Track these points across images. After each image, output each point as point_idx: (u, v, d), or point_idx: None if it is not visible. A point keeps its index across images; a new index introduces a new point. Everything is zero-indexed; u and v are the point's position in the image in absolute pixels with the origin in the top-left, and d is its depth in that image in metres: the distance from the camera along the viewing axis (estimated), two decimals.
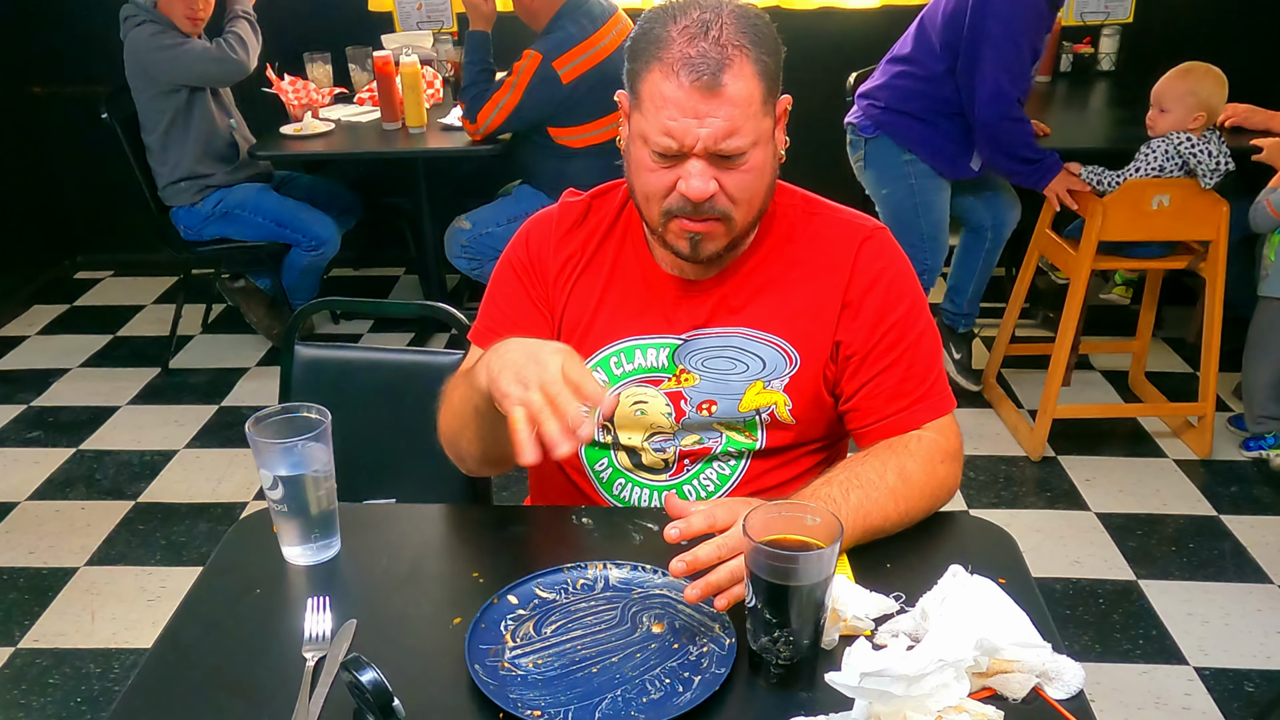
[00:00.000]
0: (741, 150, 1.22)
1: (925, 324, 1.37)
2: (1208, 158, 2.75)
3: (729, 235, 1.29)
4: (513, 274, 1.44)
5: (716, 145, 1.21)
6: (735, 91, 1.20)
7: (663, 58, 1.20)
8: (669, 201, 1.26)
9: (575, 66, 3.07)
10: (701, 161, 1.22)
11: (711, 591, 1.07)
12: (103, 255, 4.64)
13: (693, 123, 1.20)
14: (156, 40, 3.32)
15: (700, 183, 1.23)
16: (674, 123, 1.21)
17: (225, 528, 2.77)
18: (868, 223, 1.39)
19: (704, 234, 1.27)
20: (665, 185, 1.25)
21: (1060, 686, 1.02)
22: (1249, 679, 2.25)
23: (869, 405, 1.35)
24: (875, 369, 1.34)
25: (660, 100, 1.21)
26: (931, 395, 1.35)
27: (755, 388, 1.36)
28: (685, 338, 1.37)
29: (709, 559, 1.07)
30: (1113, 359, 3.58)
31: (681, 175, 1.24)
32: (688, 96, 1.19)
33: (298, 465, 1.20)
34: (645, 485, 1.42)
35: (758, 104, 1.22)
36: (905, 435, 1.33)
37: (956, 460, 1.34)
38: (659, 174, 1.25)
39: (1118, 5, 4.06)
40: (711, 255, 1.30)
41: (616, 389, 1.35)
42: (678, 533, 1.09)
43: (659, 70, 1.21)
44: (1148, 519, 2.80)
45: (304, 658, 1.08)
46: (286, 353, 1.77)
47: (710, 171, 1.23)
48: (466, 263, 3.43)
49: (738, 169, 1.24)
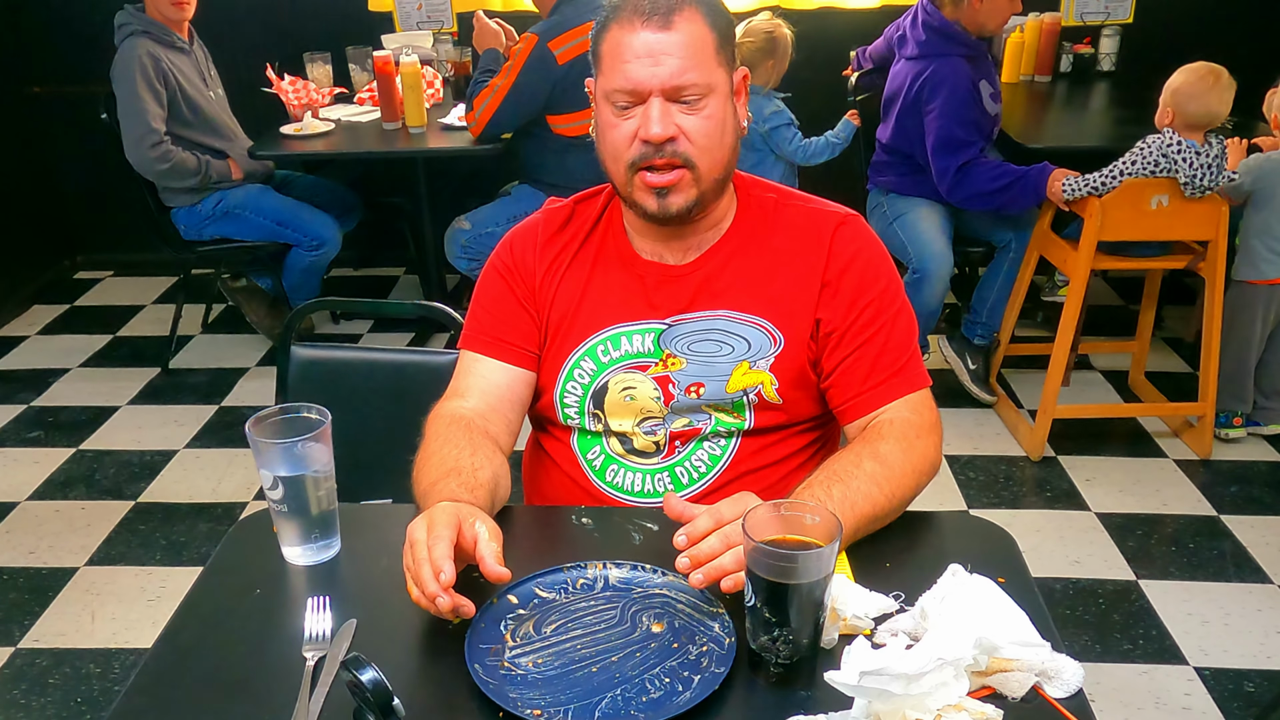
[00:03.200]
0: (699, 91, 1.28)
1: (901, 304, 1.41)
2: (1186, 166, 2.73)
3: (695, 186, 1.32)
4: (498, 278, 1.47)
5: (673, 81, 1.27)
6: (687, 31, 1.27)
7: (618, 14, 1.29)
8: (632, 152, 1.30)
9: (570, 48, 3.11)
10: (660, 102, 1.28)
11: (716, 576, 1.08)
12: (103, 255, 4.64)
13: (647, 61, 1.27)
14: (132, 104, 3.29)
15: (660, 124, 1.28)
16: (629, 64, 1.27)
17: (225, 528, 2.77)
18: (840, 210, 1.43)
19: (670, 186, 1.31)
20: (628, 135, 1.30)
21: (1059, 685, 1.02)
22: (1249, 679, 2.25)
23: (846, 380, 1.38)
24: (852, 345, 1.37)
25: (618, 49, 1.28)
26: (905, 371, 1.38)
27: (741, 368, 1.38)
28: (669, 322, 1.40)
29: (713, 552, 1.09)
30: (1112, 359, 3.58)
31: (641, 121, 1.28)
32: (640, 39, 1.27)
33: (298, 465, 1.20)
34: (637, 469, 1.43)
35: (711, 50, 1.29)
36: (877, 423, 1.35)
37: (934, 433, 1.36)
38: (620, 127, 1.31)
39: (1118, 5, 4.06)
40: (681, 210, 1.33)
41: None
42: (685, 539, 1.11)
43: (615, 26, 1.29)
44: (1148, 519, 2.80)
45: (304, 657, 1.08)
46: (283, 353, 1.77)
47: (670, 114, 1.28)
48: (466, 263, 3.43)
49: (697, 113, 1.29)
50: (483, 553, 1.09)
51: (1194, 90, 2.76)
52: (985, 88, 3.14)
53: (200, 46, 3.59)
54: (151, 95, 3.31)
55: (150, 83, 3.31)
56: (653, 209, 1.33)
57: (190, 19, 3.46)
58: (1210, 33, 3.97)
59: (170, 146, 3.35)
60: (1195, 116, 2.76)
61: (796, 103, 3.31)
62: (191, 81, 3.46)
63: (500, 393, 1.42)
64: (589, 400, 1.42)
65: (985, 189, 3.11)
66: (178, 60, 3.42)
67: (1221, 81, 2.76)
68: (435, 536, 1.08)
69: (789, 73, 3.29)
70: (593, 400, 1.42)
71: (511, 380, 1.43)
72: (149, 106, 3.30)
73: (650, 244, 1.42)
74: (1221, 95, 2.75)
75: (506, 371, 1.43)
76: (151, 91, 3.31)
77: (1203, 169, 2.72)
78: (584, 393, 1.42)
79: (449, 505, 1.15)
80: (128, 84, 3.29)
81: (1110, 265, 2.99)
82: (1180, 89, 2.78)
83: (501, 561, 1.09)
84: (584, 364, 1.42)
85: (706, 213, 1.38)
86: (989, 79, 3.17)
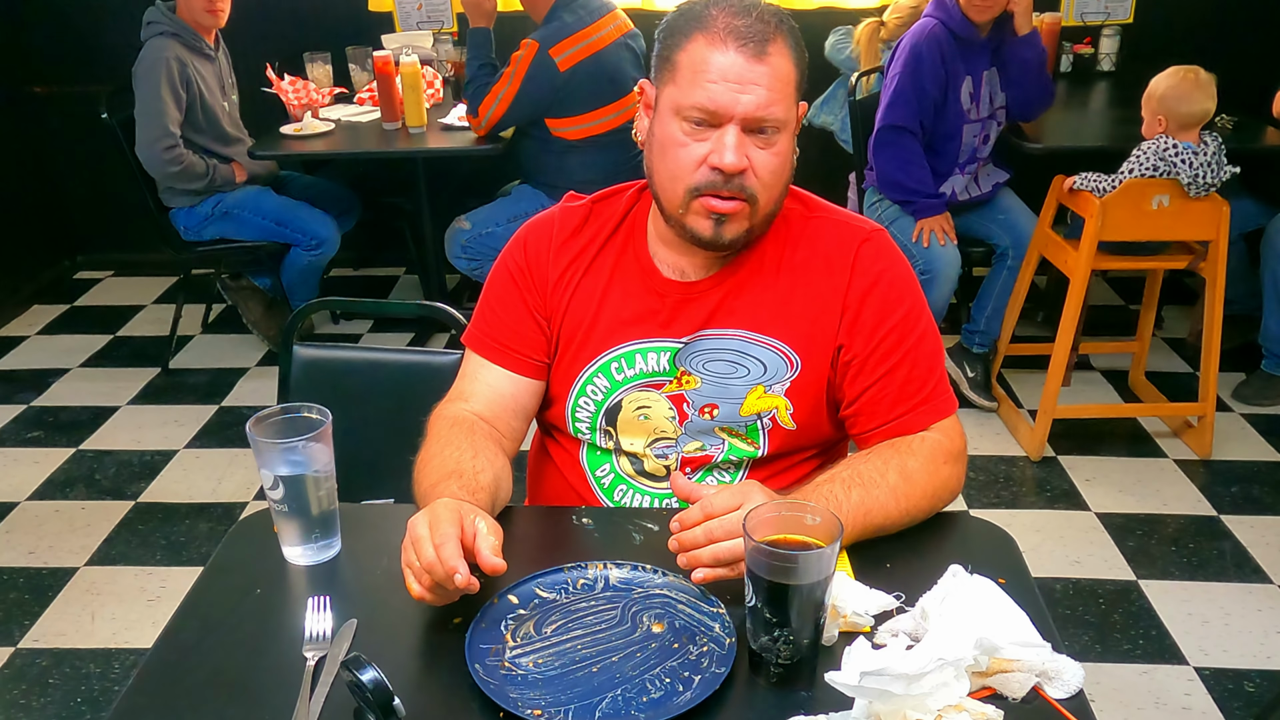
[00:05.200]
0: (779, 124, 1.24)
1: (926, 325, 1.36)
2: (1186, 167, 2.74)
3: (750, 221, 1.29)
4: (509, 280, 1.43)
5: (757, 112, 1.22)
6: (778, 65, 1.22)
7: (707, 27, 1.23)
8: (698, 176, 1.26)
9: (571, 55, 3.10)
10: (737, 131, 1.23)
11: (694, 566, 1.10)
12: (103, 255, 4.64)
13: (735, 87, 1.21)
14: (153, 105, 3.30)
15: (734, 154, 1.23)
16: (716, 86, 1.22)
17: (225, 528, 2.78)
18: (866, 224, 1.39)
19: (729, 214, 1.27)
20: (696, 158, 1.25)
21: (1060, 686, 1.02)
22: (1249, 679, 2.25)
23: (872, 410, 1.35)
24: (877, 373, 1.33)
25: (703, 66, 1.22)
26: (934, 398, 1.35)
27: (756, 392, 1.35)
28: (686, 340, 1.36)
29: (694, 542, 1.10)
30: (1113, 359, 3.58)
31: (715, 148, 1.24)
32: (732, 63, 1.21)
33: (298, 465, 1.20)
34: (646, 492, 1.42)
35: (793, 86, 1.25)
36: (909, 438, 1.32)
37: (960, 461, 1.33)
38: (690, 148, 1.25)
39: (1118, 5, 4.06)
40: (733, 239, 1.29)
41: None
42: (678, 525, 1.12)
43: (703, 38, 1.23)
44: (1148, 519, 2.80)
45: (304, 657, 1.08)
46: (285, 353, 1.77)
47: (745, 145, 1.24)
48: (467, 263, 3.43)
49: (768, 149, 1.25)
50: (479, 545, 1.08)
51: (1180, 91, 2.78)
52: (966, 84, 3.09)
53: (224, 54, 3.60)
54: (172, 98, 3.33)
55: (174, 86, 3.33)
56: (707, 235, 1.28)
57: (221, 26, 3.47)
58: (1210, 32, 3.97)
59: (182, 150, 3.36)
60: (1188, 117, 2.77)
61: None
62: (211, 90, 3.47)
63: (505, 401, 1.40)
64: (601, 417, 1.40)
65: (890, 171, 3.17)
66: (202, 68, 3.44)
67: (1201, 79, 2.78)
68: (442, 535, 1.07)
69: None
70: (605, 418, 1.40)
71: (517, 390, 1.41)
72: (168, 109, 3.32)
73: (673, 255, 1.37)
74: (1206, 91, 2.77)
75: (512, 380, 1.41)
76: (173, 95, 3.33)
77: (1203, 168, 2.73)
78: (597, 409, 1.40)
79: (450, 501, 1.14)
80: (151, 84, 3.31)
81: (1110, 265, 2.99)
82: (1166, 94, 2.80)
83: (499, 553, 1.08)
84: (597, 380, 1.39)
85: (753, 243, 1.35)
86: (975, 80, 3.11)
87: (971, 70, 3.11)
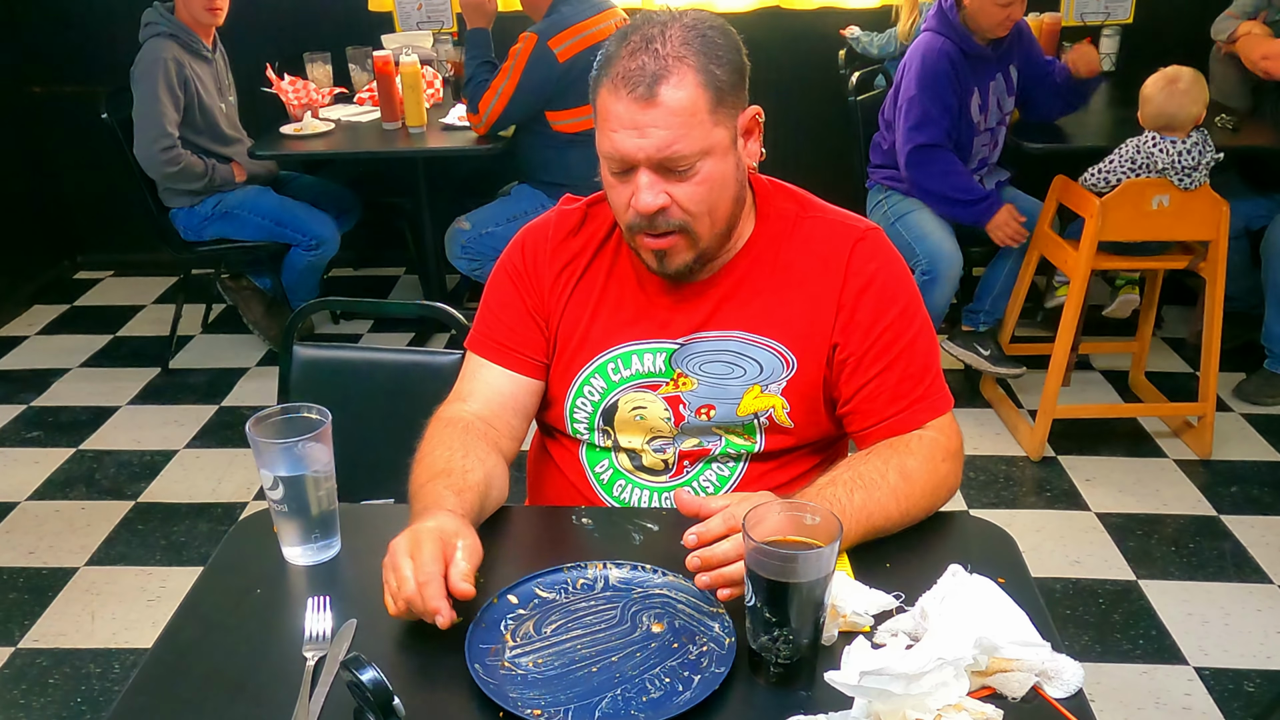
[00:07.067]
0: (687, 161, 1.23)
1: (921, 323, 1.37)
2: (1162, 155, 2.76)
3: (693, 249, 1.30)
4: (509, 282, 1.44)
5: (659, 154, 1.22)
6: (674, 101, 1.21)
7: (610, 72, 1.23)
8: (629, 217, 1.28)
9: (570, 46, 3.11)
10: (650, 174, 1.24)
11: (721, 584, 1.08)
12: (103, 255, 4.64)
13: (632, 133, 1.22)
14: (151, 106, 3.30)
15: (649, 196, 1.24)
16: (618, 135, 1.23)
17: (225, 528, 2.77)
18: (860, 223, 1.39)
19: (666, 249, 1.29)
20: (624, 200, 1.28)
21: (1059, 685, 1.02)
22: (1249, 679, 2.25)
23: (868, 408, 1.35)
24: (872, 371, 1.34)
25: (606, 114, 1.24)
26: (930, 395, 1.35)
27: (753, 391, 1.36)
28: (682, 342, 1.37)
29: (726, 558, 1.08)
30: (1113, 359, 3.58)
31: (633, 191, 1.25)
32: (626, 109, 1.21)
33: (298, 465, 1.20)
34: (645, 487, 1.42)
35: (703, 113, 1.22)
36: (906, 436, 1.33)
37: (957, 459, 1.34)
38: (618, 189, 1.28)
39: (1118, 5, 4.06)
40: (680, 269, 1.31)
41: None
42: (695, 538, 1.10)
43: (605, 87, 1.24)
44: (1148, 519, 2.80)
45: (304, 657, 1.08)
46: (285, 353, 1.77)
47: (660, 184, 1.24)
48: (467, 263, 3.43)
49: (688, 180, 1.25)
50: (450, 574, 1.07)
51: (1148, 93, 2.83)
52: (975, 97, 3.12)
53: (222, 55, 3.60)
54: (170, 99, 3.33)
55: (171, 87, 3.33)
56: (655, 268, 1.32)
57: (220, 25, 3.47)
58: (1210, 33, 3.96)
59: (181, 150, 3.36)
60: (1174, 119, 2.79)
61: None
62: (208, 91, 3.47)
63: (504, 400, 1.41)
64: (599, 417, 1.41)
65: (933, 188, 3.13)
66: (200, 69, 3.44)
67: (1184, 85, 2.78)
68: (426, 574, 1.06)
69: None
70: (603, 417, 1.41)
71: (516, 389, 1.42)
72: (166, 110, 3.32)
73: None
74: (1191, 95, 2.78)
75: (512, 379, 1.42)
76: (171, 96, 3.33)
77: (1181, 155, 2.75)
78: (594, 409, 1.40)
79: (433, 528, 1.11)
80: (149, 84, 3.31)
81: (1110, 265, 2.99)
82: (1142, 93, 2.85)
83: (470, 579, 1.07)
84: (594, 381, 1.39)
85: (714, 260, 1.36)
86: (983, 91, 3.13)
87: (979, 83, 3.13)
